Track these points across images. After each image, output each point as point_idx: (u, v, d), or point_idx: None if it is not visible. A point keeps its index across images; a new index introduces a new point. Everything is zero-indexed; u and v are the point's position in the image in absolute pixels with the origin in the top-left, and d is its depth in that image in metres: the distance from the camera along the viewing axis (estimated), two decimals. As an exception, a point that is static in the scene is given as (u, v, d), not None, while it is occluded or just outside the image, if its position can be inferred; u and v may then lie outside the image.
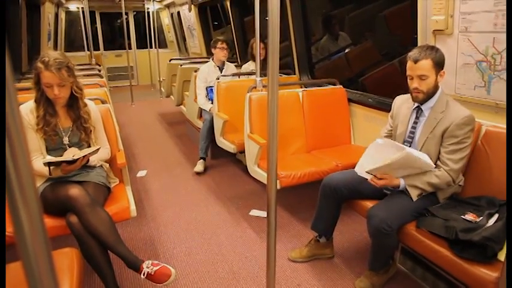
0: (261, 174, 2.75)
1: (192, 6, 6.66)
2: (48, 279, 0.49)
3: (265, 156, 1.86)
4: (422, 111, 1.96)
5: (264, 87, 3.12)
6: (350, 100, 3.26)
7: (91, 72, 4.43)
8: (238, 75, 4.04)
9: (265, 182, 1.42)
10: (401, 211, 1.83)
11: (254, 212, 2.96)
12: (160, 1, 8.67)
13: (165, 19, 9.56)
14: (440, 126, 1.87)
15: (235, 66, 4.38)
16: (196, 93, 4.01)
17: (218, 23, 7.15)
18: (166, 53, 9.09)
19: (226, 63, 4.08)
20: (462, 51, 2.09)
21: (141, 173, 3.80)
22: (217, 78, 3.72)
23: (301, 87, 3.44)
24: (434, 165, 1.87)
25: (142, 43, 9.32)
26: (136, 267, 1.81)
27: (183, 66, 5.22)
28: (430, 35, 2.24)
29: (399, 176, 1.90)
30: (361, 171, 1.97)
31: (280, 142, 1.45)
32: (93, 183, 1.99)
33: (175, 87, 5.34)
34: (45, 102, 1.94)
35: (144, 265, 1.81)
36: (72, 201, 1.79)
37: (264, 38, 3.29)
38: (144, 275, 1.79)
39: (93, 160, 2.05)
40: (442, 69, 1.85)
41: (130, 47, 8.85)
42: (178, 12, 7.98)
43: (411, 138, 2.01)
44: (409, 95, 1.98)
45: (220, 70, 4.01)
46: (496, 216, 1.70)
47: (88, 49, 6.75)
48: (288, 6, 3.79)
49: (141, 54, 9.19)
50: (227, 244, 2.53)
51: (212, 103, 3.78)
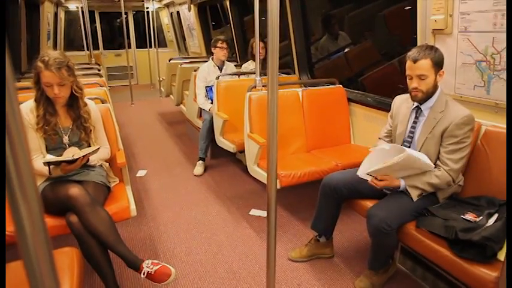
0: (261, 174, 2.76)
1: (192, 5, 6.65)
2: (49, 278, 0.49)
3: (265, 155, 1.86)
4: (421, 111, 1.96)
5: (263, 86, 3.12)
6: (350, 100, 3.26)
7: (90, 71, 4.42)
8: (238, 74, 4.04)
9: (265, 181, 1.42)
10: (401, 211, 1.83)
11: (254, 211, 2.96)
12: (159, 0, 8.66)
13: (165, 18, 9.56)
14: (440, 126, 1.87)
15: (235, 65, 4.38)
16: (196, 93, 4.00)
17: (218, 22, 7.15)
18: (165, 52, 9.08)
19: (226, 62, 4.07)
20: (461, 51, 2.09)
21: (141, 173, 3.80)
22: (217, 77, 3.72)
23: (301, 87, 3.44)
24: (434, 166, 1.87)
25: (141, 43, 9.32)
26: (136, 267, 1.81)
27: (183, 65, 5.21)
28: (429, 35, 2.24)
29: (399, 176, 1.90)
30: (362, 173, 1.97)
31: (280, 142, 1.45)
32: (93, 183, 1.99)
33: (175, 87, 5.33)
34: (45, 102, 1.94)
35: (144, 264, 1.81)
36: (72, 200, 1.79)
37: (263, 37, 3.30)
38: (144, 274, 1.79)
39: (93, 160, 2.05)
40: (441, 68, 1.85)
41: (129, 47, 8.85)
42: (178, 12, 7.98)
43: (411, 138, 2.01)
44: (408, 95, 1.98)
45: (220, 69, 4.00)
46: (495, 216, 1.70)
47: (87, 48, 6.74)
48: (287, 5, 3.79)
49: (141, 54, 9.19)
50: (227, 244, 2.53)
51: (212, 103, 3.77)
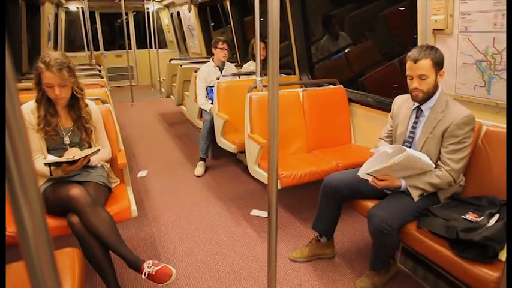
0: (261, 174, 2.76)
1: (192, 6, 6.66)
2: (51, 279, 0.49)
3: (265, 156, 1.86)
4: (422, 111, 1.96)
5: (264, 87, 3.12)
6: (350, 100, 3.26)
7: (91, 72, 4.43)
8: (239, 75, 4.04)
9: (266, 182, 1.42)
10: (402, 211, 1.83)
11: (255, 212, 2.96)
12: (160, 1, 8.67)
13: (165, 19, 9.57)
14: (441, 126, 1.87)
15: (235, 66, 4.38)
16: (196, 93, 4.00)
17: (218, 22, 7.15)
18: (166, 53, 9.08)
19: (227, 63, 4.07)
20: (462, 51, 2.09)
21: (142, 173, 3.80)
22: (218, 78, 3.72)
23: (302, 87, 3.44)
24: (435, 166, 1.87)
25: (142, 43, 9.32)
26: (137, 267, 1.81)
27: (183, 66, 5.22)
28: (430, 35, 2.24)
29: (400, 177, 1.90)
30: (362, 174, 1.97)
31: (280, 142, 1.45)
32: (94, 184, 1.99)
33: (176, 87, 5.34)
34: (46, 103, 1.94)
35: (145, 265, 1.81)
36: (73, 201, 1.79)
37: (264, 37, 3.30)
38: (145, 275, 1.79)
39: (94, 160, 2.05)
40: (442, 68, 1.85)
41: (130, 47, 8.85)
42: (178, 12, 7.98)
43: (411, 138, 2.01)
44: (409, 95, 1.98)
45: (221, 70, 4.01)
46: (496, 216, 1.70)
47: (88, 49, 6.75)
48: (287, 6, 3.79)
49: (141, 54, 9.19)
50: (228, 244, 2.53)
51: (212, 103, 3.77)
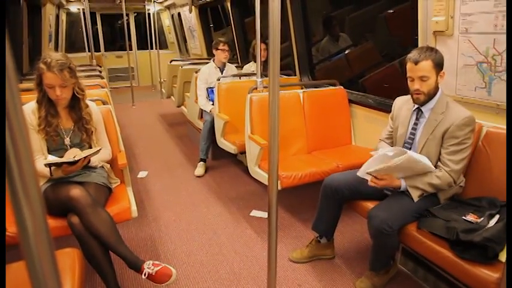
0: (261, 175, 2.76)
1: (193, 7, 6.67)
2: (51, 279, 0.49)
3: (266, 157, 1.86)
4: (422, 112, 1.96)
5: (264, 88, 3.13)
6: (350, 101, 3.26)
7: (92, 73, 4.43)
8: (239, 76, 4.04)
9: (266, 182, 1.42)
10: (402, 212, 1.83)
11: (255, 212, 2.96)
12: (161, 2, 8.68)
13: (166, 20, 9.58)
14: (441, 128, 1.87)
15: (236, 67, 4.39)
16: (197, 94, 4.01)
17: (218, 24, 7.16)
18: (167, 54, 9.09)
19: (227, 64, 4.08)
20: (463, 52, 2.09)
21: (142, 174, 3.80)
22: (218, 79, 3.73)
23: (302, 88, 3.44)
24: (435, 167, 1.87)
25: (143, 44, 9.33)
26: (137, 268, 1.82)
27: (184, 67, 5.22)
28: (430, 36, 2.24)
29: (400, 177, 1.90)
30: (362, 173, 1.97)
31: (281, 143, 1.45)
32: (94, 184, 2.00)
33: (176, 88, 5.34)
34: (47, 103, 1.95)
35: (145, 265, 1.81)
36: (74, 201, 1.79)
37: (265, 38, 3.30)
38: (145, 275, 1.79)
39: (94, 161, 2.05)
40: (442, 69, 1.86)
41: (131, 48, 8.86)
42: (179, 14, 8.00)
43: (412, 139, 2.01)
44: (409, 96, 1.98)
45: (221, 71, 4.01)
46: (497, 217, 1.70)
47: (89, 50, 6.76)
48: (288, 7, 3.80)
49: (142, 55, 9.21)
50: (228, 244, 2.53)
51: (213, 104, 3.78)
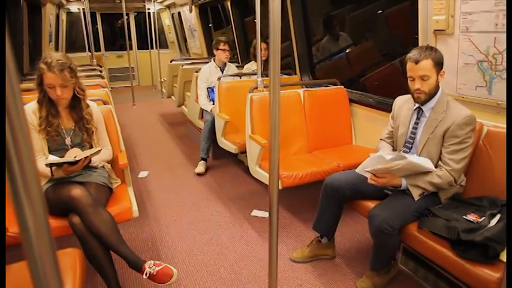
0: (262, 175, 2.76)
1: (193, 6, 6.67)
2: (53, 279, 0.49)
3: (266, 156, 1.86)
4: (423, 111, 1.96)
5: (265, 87, 3.12)
6: (351, 100, 3.26)
7: (92, 73, 4.43)
8: (240, 75, 4.04)
9: (267, 182, 1.43)
10: (402, 211, 1.83)
11: (256, 212, 2.96)
12: (161, 2, 8.68)
13: (166, 20, 9.57)
14: (441, 127, 1.86)
15: (236, 66, 4.38)
16: (197, 94, 4.01)
17: (219, 23, 7.16)
18: (167, 53, 9.09)
19: (228, 63, 4.08)
20: (463, 51, 2.09)
21: (143, 174, 3.81)
22: (219, 78, 3.73)
23: (302, 88, 3.44)
24: (436, 166, 1.87)
25: (143, 44, 9.33)
26: (138, 268, 1.82)
27: (184, 66, 5.22)
28: (430, 35, 2.24)
29: (400, 176, 1.90)
30: (361, 170, 1.97)
31: (281, 142, 1.45)
32: (95, 184, 2.00)
33: (177, 88, 5.34)
34: (47, 103, 1.95)
35: (146, 265, 1.81)
36: (75, 201, 1.79)
37: (265, 38, 3.30)
38: (146, 275, 1.80)
39: (95, 161, 2.05)
40: (442, 68, 1.85)
41: (131, 48, 8.86)
42: (179, 13, 7.99)
43: (412, 139, 2.01)
44: (409, 96, 1.98)
45: (222, 71, 4.01)
46: (498, 216, 1.70)
47: (89, 50, 6.76)
48: (288, 6, 3.80)
49: (142, 55, 9.21)
50: (229, 244, 2.53)
51: (213, 104, 3.78)
